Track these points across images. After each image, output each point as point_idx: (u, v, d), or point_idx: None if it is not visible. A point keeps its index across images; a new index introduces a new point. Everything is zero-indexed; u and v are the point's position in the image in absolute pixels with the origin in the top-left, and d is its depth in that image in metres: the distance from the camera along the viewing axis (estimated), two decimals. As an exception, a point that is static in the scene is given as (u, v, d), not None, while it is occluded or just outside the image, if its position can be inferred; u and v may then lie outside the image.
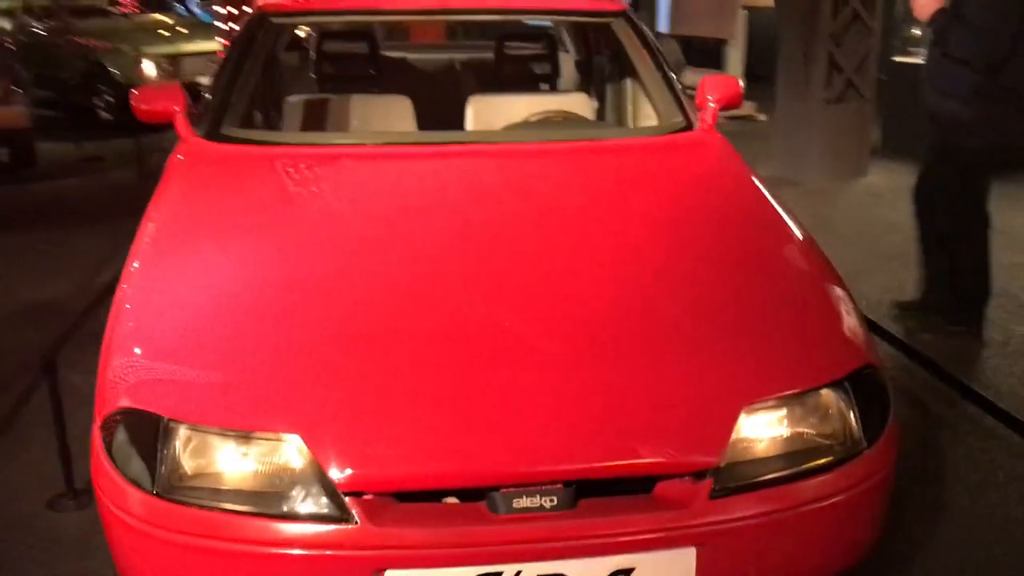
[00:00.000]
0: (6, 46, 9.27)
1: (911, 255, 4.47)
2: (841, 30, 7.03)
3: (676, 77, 3.37)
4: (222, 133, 2.98)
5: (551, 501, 1.76)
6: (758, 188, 2.72)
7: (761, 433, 1.86)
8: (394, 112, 3.42)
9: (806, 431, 1.90)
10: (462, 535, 1.73)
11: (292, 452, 1.76)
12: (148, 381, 1.91)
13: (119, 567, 1.92)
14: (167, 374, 1.92)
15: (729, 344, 1.99)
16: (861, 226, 6.01)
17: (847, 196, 6.85)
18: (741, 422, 1.83)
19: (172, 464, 1.79)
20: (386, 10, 3.64)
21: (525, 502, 1.75)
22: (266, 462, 1.78)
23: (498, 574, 1.74)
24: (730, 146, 3.02)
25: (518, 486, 1.76)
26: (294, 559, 1.72)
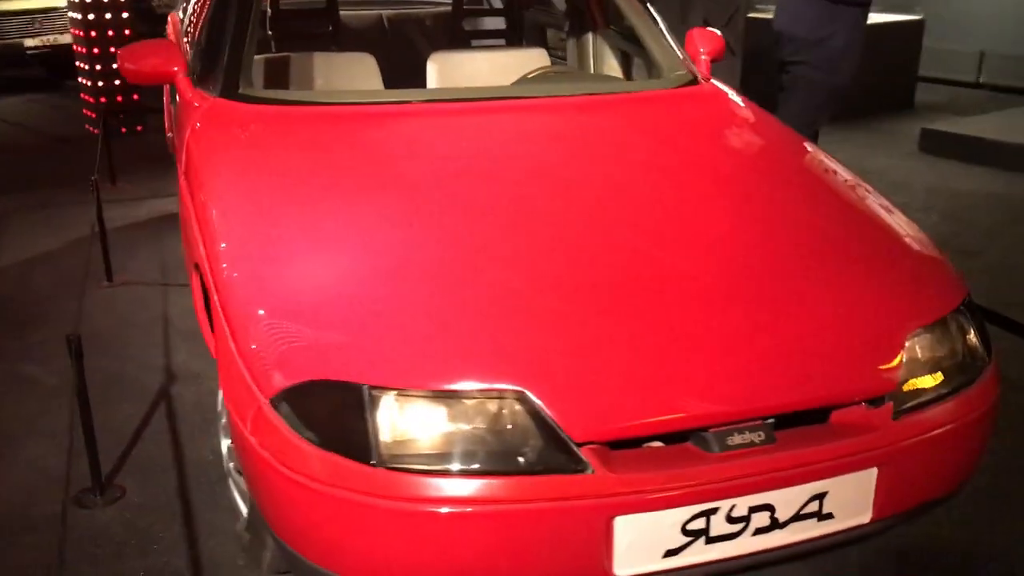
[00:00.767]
0: None
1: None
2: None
3: None
4: (243, 93, 2.82)
5: (759, 436, 1.84)
6: (795, 133, 2.88)
7: (920, 355, 2.01)
8: (360, 70, 3.33)
9: (952, 351, 2.07)
10: (686, 476, 1.78)
11: (518, 407, 1.74)
12: (332, 351, 1.83)
13: (312, 547, 1.83)
14: (353, 342, 1.84)
15: (876, 274, 2.13)
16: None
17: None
18: (906, 346, 1.98)
19: (388, 432, 1.74)
20: None
21: (738, 439, 1.82)
22: (492, 419, 1.74)
23: (715, 510, 1.81)
24: (744, 96, 3.16)
25: (729, 424, 1.83)
26: (532, 513, 1.72)
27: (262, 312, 1.96)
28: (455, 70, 3.46)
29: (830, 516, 1.91)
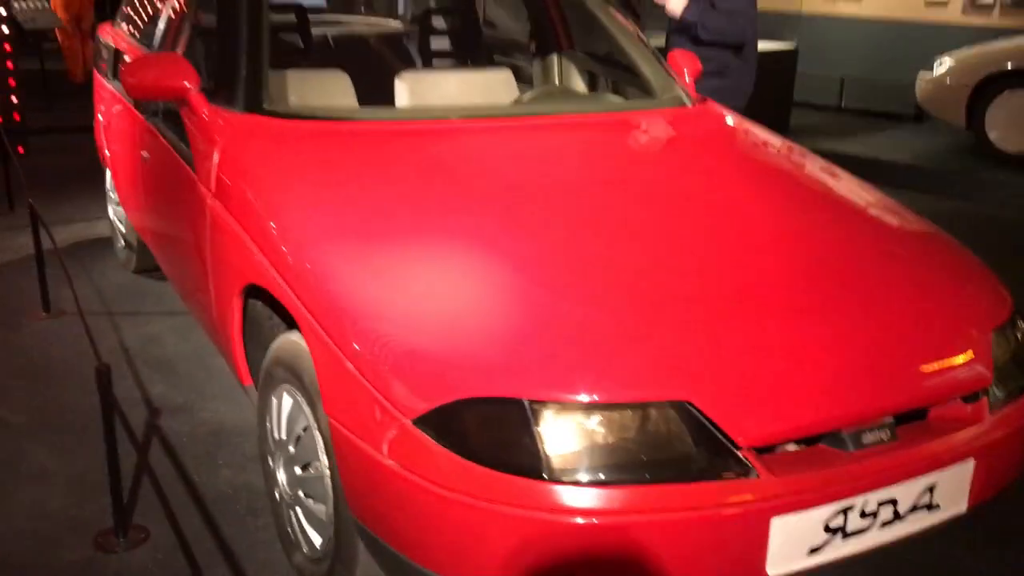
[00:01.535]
0: None
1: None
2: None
3: None
4: (270, 109, 2.73)
5: (886, 434, 1.93)
6: (806, 150, 3.03)
7: (998, 354, 2.16)
8: (334, 87, 3.28)
9: (1018, 349, 2.23)
10: (833, 475, 1.84)
11: (682, 416, 1.77)
12: (485, 368, 1.79)
13: (470, 568, 1.79)
14: (505, 358, 1.81)
15: (945, 281, 2.28)
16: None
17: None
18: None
19: (554, 446, 1.72)
20: None
21: (870, 437, 1.91)
22: (657, 430, 1.76)
23: (851, 507, 1.88)
24: (740, 115, 3.31)
25: (860, 424, 1.91)
26: (702, 519, 1.74)
27: (390, 333, 1.90)
28: (425, 89, 3.45)
29: (937, 507, 2.02)
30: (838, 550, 1.90)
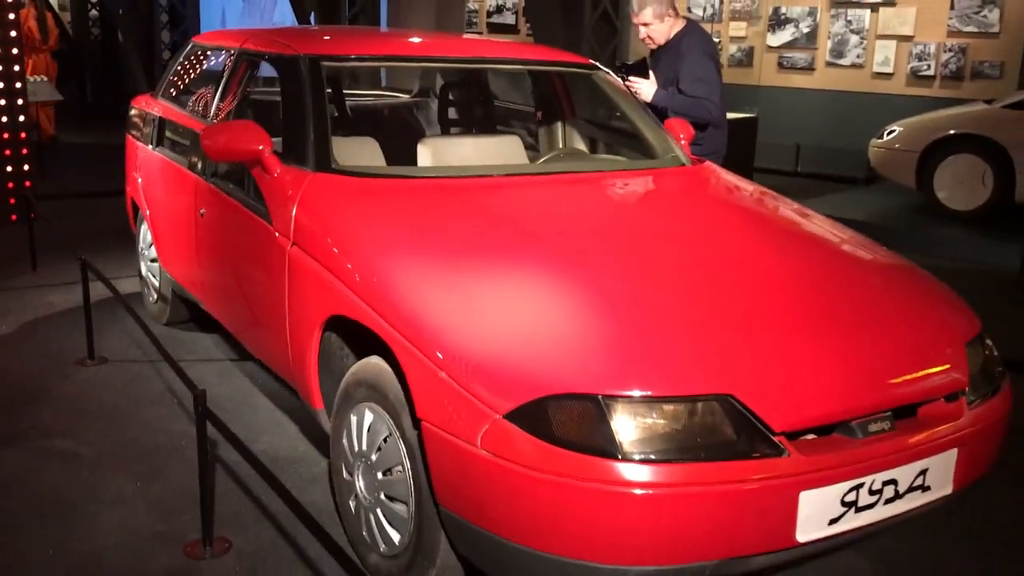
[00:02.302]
0: None
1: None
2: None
3: None
4: (337, 168, 3.14)
5: (888, 424, 2.36)
6: (788, 199, 3.51)
7: (972, 362, 2.60)
8: (365, 151, 3.70)
9: (986, 360, 2.68)
10: (848, 456, 2.25)
11: (727, 407, 2.17)
12: (564, 368, 2.19)
13: (557, 540, 2.14)
14: (581, 359, 2.22)
15: (923, 301, 2.74)
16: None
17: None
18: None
19: (625, 432, 2.11)
20: (419, 57, 3.93)
21: (875, 427, 2.33)
22: (707, 417, 2.16)
23: (862, 484, 2.29)
24: (731, 172, 3.80)
25: (866, 416, 2.33)
26: (745, 491, 2.13)
27: (478, 344, 2.29)
28: (444, 152, 3.88)
29: (928, 488, 2.44)
30: (852, 522, 2.31)
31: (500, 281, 2.57)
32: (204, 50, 4.64)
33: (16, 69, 6.87)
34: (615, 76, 4.20)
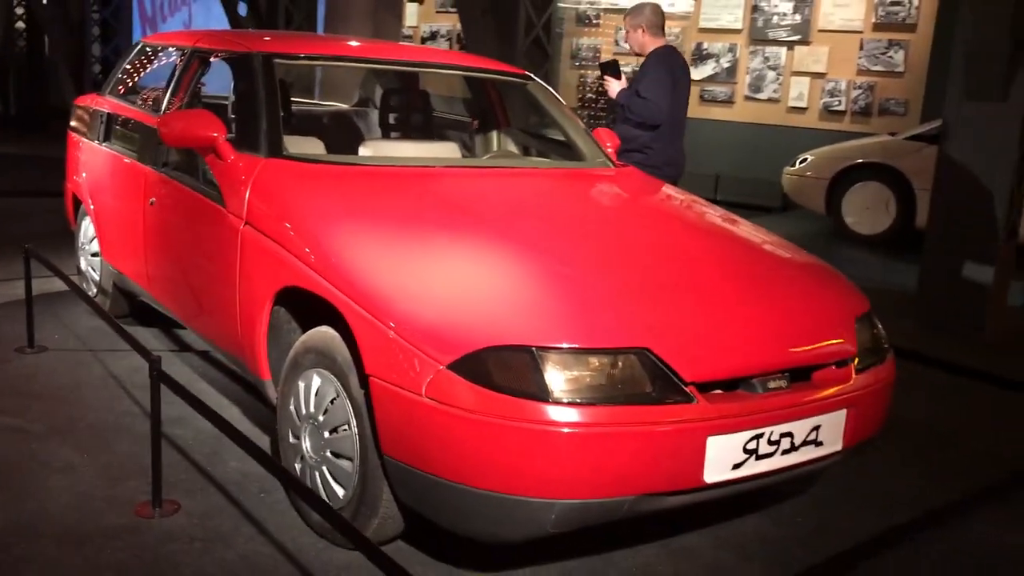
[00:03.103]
0: None
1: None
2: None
3: None
4: (288, 154, 3.37)
5: (785, 383, 2.66)
6: (701, 199, 3.85)
7: (860, 335, 2.93)
8: (310, 148, 3.93)
9: (873, 335, 3.02)
10: (750, 407, 2.55)
11: (644, 359, 2.45)
12: (501, 323, 2.44)
13: (493, 477, 2.38)
14: (515, 316, 2.47)
15: (817, 281, 3.08)
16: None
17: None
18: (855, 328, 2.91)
19: (555, 379, 2.37)
20: (365, 58, 4.18)
21: (773, 384, 2.63)
22: (627, 367, 2.43)
23: (762, 434, 2.59)
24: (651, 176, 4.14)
25: (766, 374, 2.63)
26: (659, 433, 2.41)
27: (422, 305, 2.54)
28: (386, 152, 4.13)
29: (821, 443, 2.75)
30: (753, 467, 2.60)
31: (442, 251, 2.82)
32: (154, 49, 4.81)
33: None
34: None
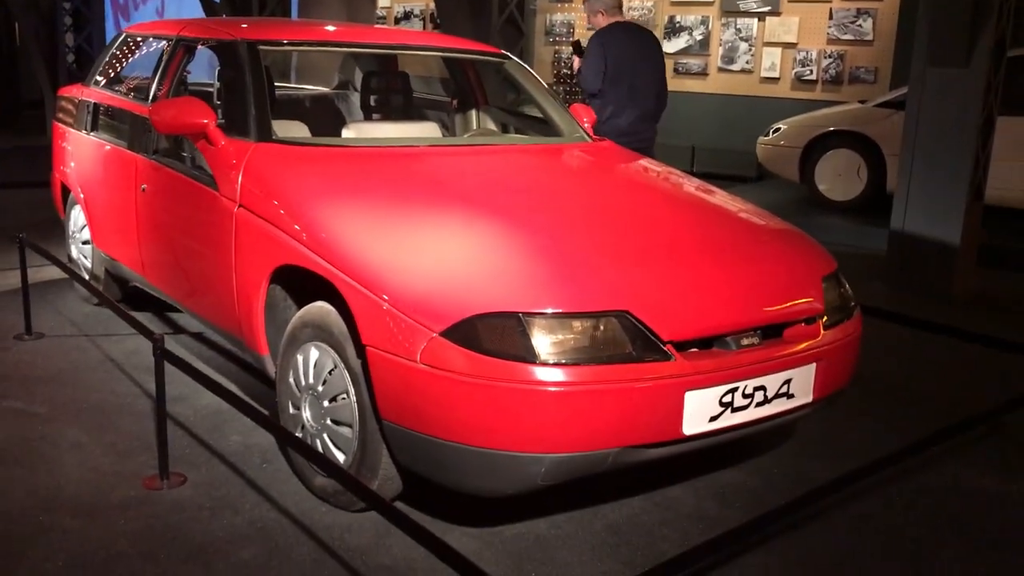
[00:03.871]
0: None
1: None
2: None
3: None
4: (278, 138, 3.50)
5: (757, 340, 2.83)
6: (671, 167, 4.01)
7: (827, 294, 3.10)
8: (296, 131, 4.06)
9: (840, 293, 3.19)
10: (725, 363, 2.72)
11: (624, 320, 2.61)
12: (489, 291, 2.60)
13: (489, 435, 2.53)
14: (503, 284, 2.63)
15: (786, 243, 3.24)
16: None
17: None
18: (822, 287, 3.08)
19: (542, 342, 2.53)
20: (347, 43, 4.29)
21: (746, 341, 2.80)
22: (609, 328, 2.59)
23: (736, 388, 2.76)
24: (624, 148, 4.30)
25: (739, 332, 2.80)
26: (639, 390, 2.57)
27: (416, 276, 2.68)
28: (368, 133, 4.27)
29: (792, 396, 2.92)
30: (729, 419, 2.77)
31: (429, 226, 2.96)
32: (136, 39, 4.91)
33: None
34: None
